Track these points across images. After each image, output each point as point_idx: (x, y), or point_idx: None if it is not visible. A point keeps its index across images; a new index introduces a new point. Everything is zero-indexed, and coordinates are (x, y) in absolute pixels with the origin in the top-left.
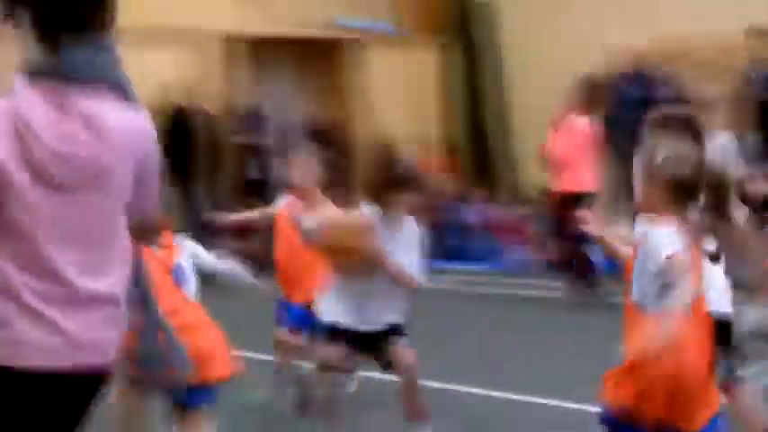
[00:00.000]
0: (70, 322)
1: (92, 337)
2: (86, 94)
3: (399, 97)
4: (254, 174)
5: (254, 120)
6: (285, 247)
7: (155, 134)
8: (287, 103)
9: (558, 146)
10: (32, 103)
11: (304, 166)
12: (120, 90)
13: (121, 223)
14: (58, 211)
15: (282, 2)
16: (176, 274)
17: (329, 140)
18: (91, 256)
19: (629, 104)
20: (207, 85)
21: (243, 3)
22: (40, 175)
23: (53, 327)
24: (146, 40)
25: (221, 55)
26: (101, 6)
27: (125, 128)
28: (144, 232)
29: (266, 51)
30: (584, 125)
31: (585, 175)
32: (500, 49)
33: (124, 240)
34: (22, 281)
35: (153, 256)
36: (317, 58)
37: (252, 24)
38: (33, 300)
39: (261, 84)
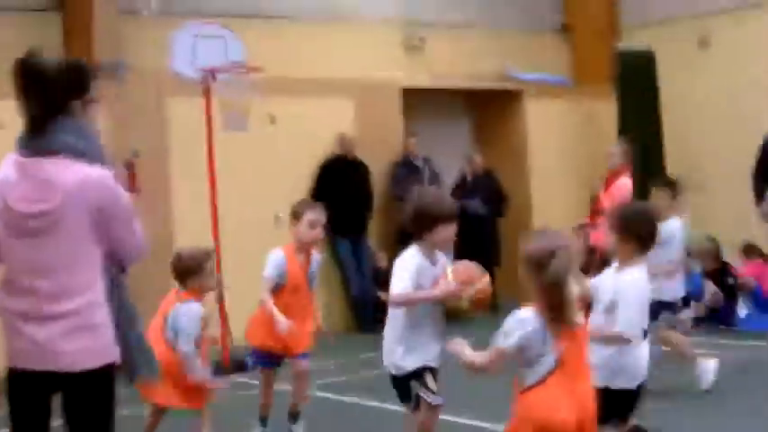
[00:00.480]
0: (42, 335)
1: (54, 349)
2: (46, 160)
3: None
4: None
5: (412, 170)
6: None
7: (111, 185)
8: (457, 154)
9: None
10: (6, 172)
11: None
12: (80, 155)
13: (84, 257)
14: (27, 252)
15: (456, 53)
16: None
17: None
18: (54, 283)
19: None
20: (381, 135)
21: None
22: (10, 227)
23: (30, 339)
24: (321, 90)
25: (394, 105)
26: (72, 96)
27: (74, 183)
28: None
29: (438, 102)
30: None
31: None
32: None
33: (89, 270)
34: (9, 304)
35: None
36: (488, 109)
37: (423, 75)
38: (16, 319)
39: (429, 134)
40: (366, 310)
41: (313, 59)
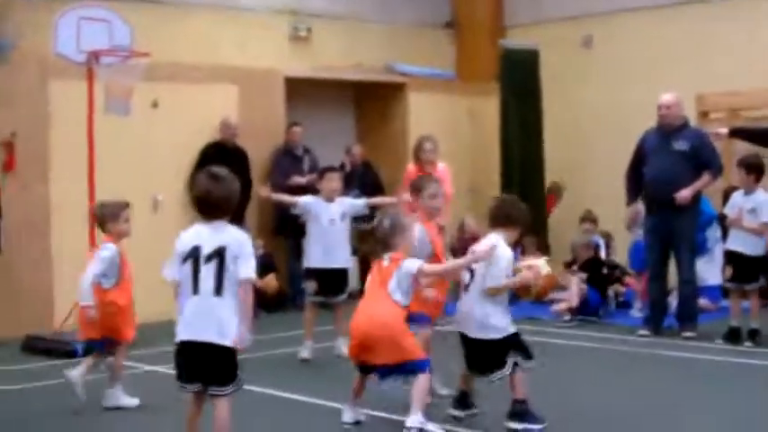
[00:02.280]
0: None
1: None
2: None
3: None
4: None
5: (294, 159)
6: None
7: None
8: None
9: None
10: None
11: None
12: None
13: None
14: None
15: (343, 45)
16: None
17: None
18: None
19: None
20: (264, 124)
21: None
22: None
23: None
24: (204, 78)
25: (277, 93)
26: None
27: None
28: None
29: (323, 93)
30: None
31: None
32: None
33: None
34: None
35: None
36: (372, 101)
37: (308, 66)
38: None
39: (312, 124)
40: None
41: (199, 46)
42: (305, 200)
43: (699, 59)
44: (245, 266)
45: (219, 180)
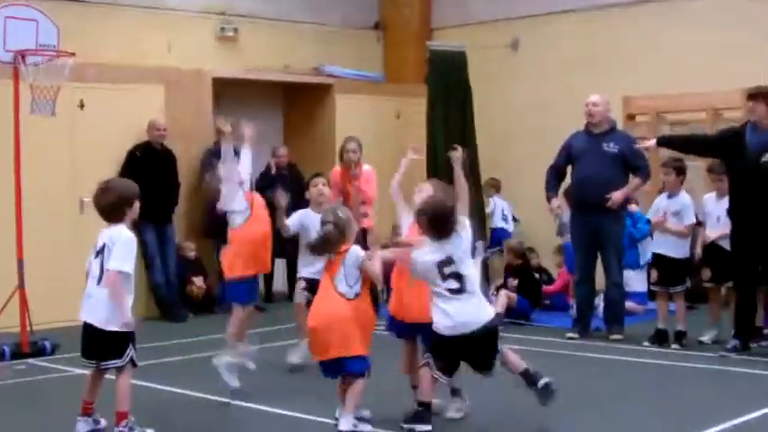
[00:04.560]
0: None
1: None
2: None
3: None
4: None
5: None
6: None
7: None
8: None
9: None
10: None
11: None
12: None
13: None
14: None
15: (271, 46)
16: None
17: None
18: None
19: None
20: (192, 125)
21: (228, 45)
22: None
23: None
24: (131, 78)
25: (205, 94)
26: None
27: None
28: None
29: (251, 93)
30: None
31: None
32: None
33: None
34: None
35: None
36: (300, 102)
37: (235, 67)
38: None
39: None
40: (169, 298)
41: (126, 46)
42: (293, 220)
43: (625, 62)
44: (111, 261)
45: (107, 189)
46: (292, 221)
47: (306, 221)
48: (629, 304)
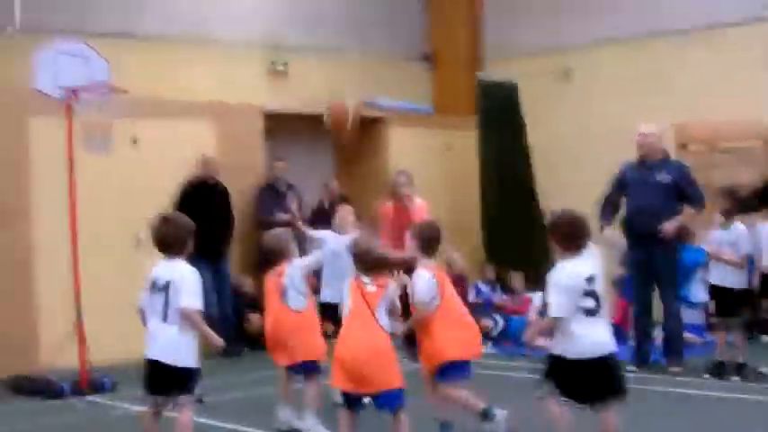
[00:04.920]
0: None
1: None
2: None
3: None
4: None
5: (277, 195)
6: None
7: None
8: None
9: None
10: None
11: None
12: None
13: None
14: None
15: (322, 80)
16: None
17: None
18: None
19: None
20: (243, 159)
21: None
22: None
23: None
24: (184, 112)
25: (256, 128)
26: None
27: None
28: None
29: (302, 127)
30: None
31: None
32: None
33: None
34: None
35: None
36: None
37: (287, 100)
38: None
39: (291, 158)
40: (226, 335)
41: (177, 81)
42: (319, 232)
43: (677, 90)
44: (184, 297)
45: (169, 222)
46: (317, 232)
47: (328, 237)
48: (686, 335)
